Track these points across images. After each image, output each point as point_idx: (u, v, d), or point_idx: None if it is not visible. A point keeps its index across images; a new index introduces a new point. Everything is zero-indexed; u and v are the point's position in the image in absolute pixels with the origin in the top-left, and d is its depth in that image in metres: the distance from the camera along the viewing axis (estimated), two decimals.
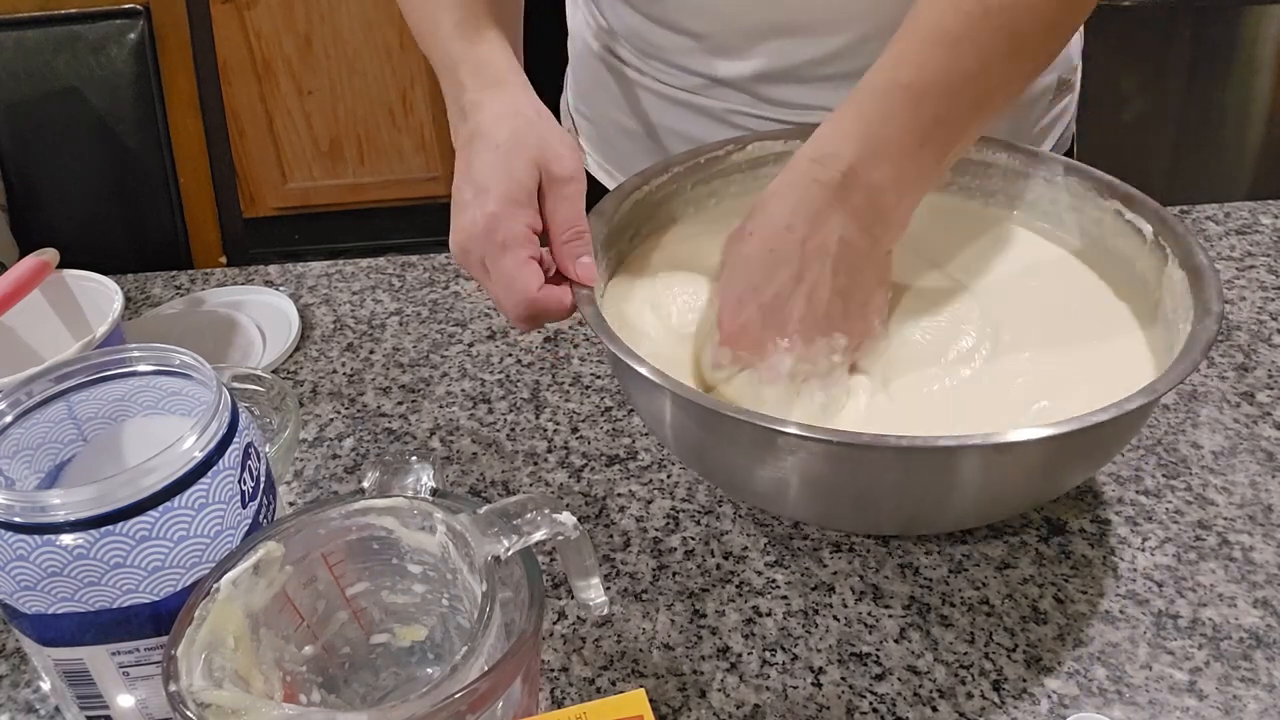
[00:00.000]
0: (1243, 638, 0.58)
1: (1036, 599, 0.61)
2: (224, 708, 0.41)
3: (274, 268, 0.96)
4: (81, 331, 0.77)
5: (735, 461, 0.58)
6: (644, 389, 0.59)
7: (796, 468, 0.55)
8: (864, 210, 0.61)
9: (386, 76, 2.42)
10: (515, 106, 0.64)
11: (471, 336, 0.85)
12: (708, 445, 0.59)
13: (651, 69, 0.88)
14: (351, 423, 0.77)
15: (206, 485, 0.48)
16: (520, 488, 0.70)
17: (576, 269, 0.62)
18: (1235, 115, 1.98)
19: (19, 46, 1.21)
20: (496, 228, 0.61)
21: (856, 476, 0.56)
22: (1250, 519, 0.65)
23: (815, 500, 0.59)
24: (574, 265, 0.62)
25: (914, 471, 0.55)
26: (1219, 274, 0.61)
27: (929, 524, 0.62)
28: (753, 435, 0.55)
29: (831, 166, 0.60)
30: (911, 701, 0.55)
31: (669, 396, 0.56)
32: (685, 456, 0.63)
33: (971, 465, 0.54)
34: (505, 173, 0.61)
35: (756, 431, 0.54)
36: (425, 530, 0.48)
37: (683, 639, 0.59)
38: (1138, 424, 0.61)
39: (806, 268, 0.60)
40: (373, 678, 0.52)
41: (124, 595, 0.47)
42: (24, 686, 0.60)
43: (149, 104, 1.22)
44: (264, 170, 2.54)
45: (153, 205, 1.25)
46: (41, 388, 0.53)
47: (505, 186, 0.61)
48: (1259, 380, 0.75)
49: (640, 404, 0.63)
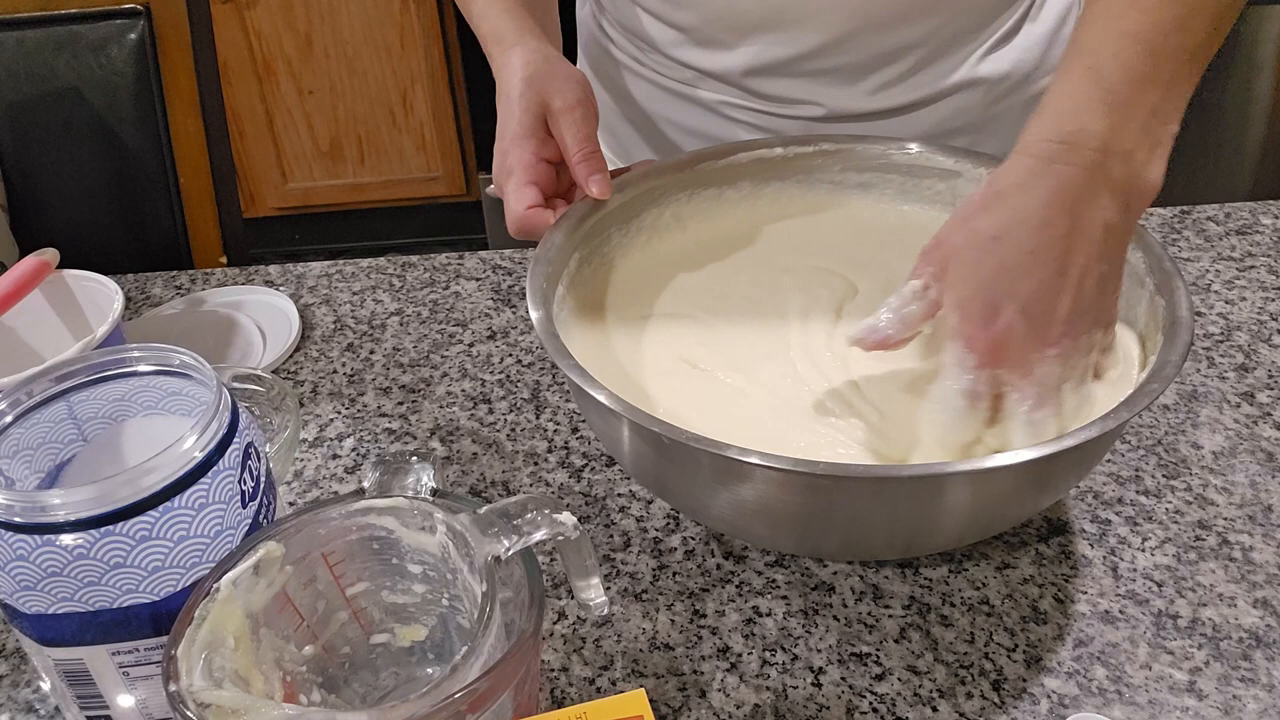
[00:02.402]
0: (1242, 638, 0.58)
1: (1036, 599, 0.60)
2: (224, 708, 0.40)
3: (274, 268, 0.96)
4: (81, 331, 0.77)
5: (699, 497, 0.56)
6: (602, 417, 0.57)
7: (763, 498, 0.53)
8: (1124, 185, 0.55)
9: (386, 76, 2.42)
10: (524, 59, 0.71)
11: (472, 336, 0.85)
12: (669, 478, 0.57)
13: (648, 60, 0.88)
14: (351, 423, 0.77)
15: (206, 485, 0.48)
16: (520, 488, 0.70)
17: (590, 186, 0.69)
18: (1235, 115, 1.98)
19: (19, 46, 1.21)
20: (504, 161, 0.69)
21: (828, 507, 0.54)
22: (1250, 519, 0.65)
23: (787, 532, 0.57)
24: (588, 183, 0.69)
25: (889, 501, 0.53)
26: (1184, 277, 0.60)
27: (912, 550, 0.60)
28: (712, 465, 0.52)
29: (1083, 145, 0.54)
30: (911, 701, 0.55)
31: (626, 424, 0.54)
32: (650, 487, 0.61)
33: (950, 491, 0.53)
34: (511, 116, 0.70)
35: (716, 460, 0.51)
36: (425, 530, 0.48)
37: (683, 639, 0.59)
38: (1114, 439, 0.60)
39: (1071, 262, 0.54)
40: (373, 678, 0.52)
41: (124, 595, 0.47)
42: (24, 686, 0.60)
43: (149, 104, 1.22)
44: (264, 170, 2.54)
45: (153, 205, 1.25)
46: (41, 388, 0.53)
47: (510, 127, 0.70)
48: (1259, 380, 0.75)
49: (598, 430, 0.61)
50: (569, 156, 0.69)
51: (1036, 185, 0.55)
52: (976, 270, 0.55)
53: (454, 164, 2.52)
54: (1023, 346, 0.54)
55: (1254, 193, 2.03)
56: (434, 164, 2.53)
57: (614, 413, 0.54)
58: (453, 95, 2.44)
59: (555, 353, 0.57)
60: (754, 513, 0.55)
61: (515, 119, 0.69)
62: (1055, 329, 0.54)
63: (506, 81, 0.71)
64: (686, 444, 0.51)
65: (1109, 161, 0.54)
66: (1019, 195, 0.55)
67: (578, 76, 0.71)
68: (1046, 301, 0.54)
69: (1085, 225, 0.54)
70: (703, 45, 0.84)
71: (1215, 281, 0.85)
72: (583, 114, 0.69)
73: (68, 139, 1.23)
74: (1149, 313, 0.61)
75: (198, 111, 1.25)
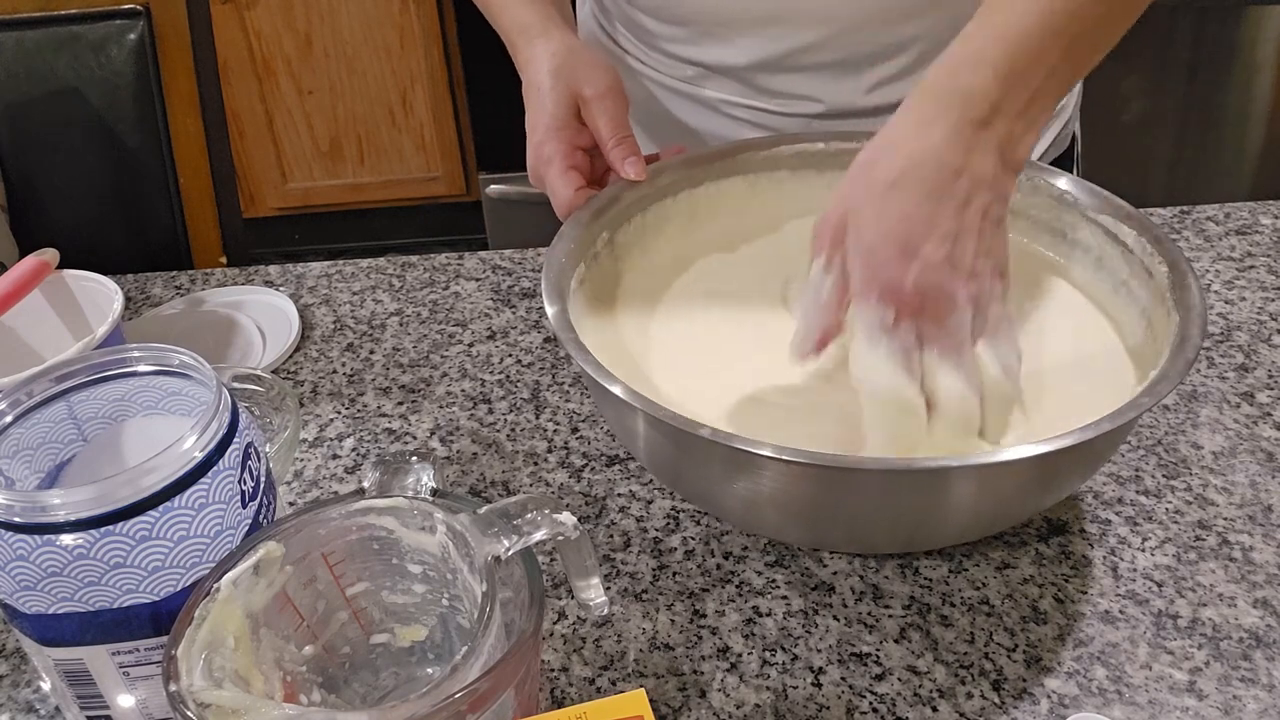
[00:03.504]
0: (1242, 638, 0.58)
1: (1036, 599, 0.60)
2: (224, 708, 0.40)
3: (274, 268, 0.96)
4: (81, 331, 0.77)
5: (711, 487, 0.57)
6: (616, 408, 0.58)
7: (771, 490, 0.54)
8: (1002, 148, 0.56)
9: (386, 76, 2.42)
10: (550, 50, 0.72)
11: (471, 336, 0.85)
12: (683, 468, 0.58)
13: (650, 59, 0.89)
14: (351, 423, 0.77)
15: (206, 485, 0.48)
16: (520, 488, 0.70)
17: (626, 169, 0.70)
18: (1235, 115, 1.98)
19: (19, 46, 1.21)
20: (540, 152, 0.71)
21: (837, 499, 0.55)
22: (1250, 519, 0.65)
23: (797, 522, 0.58)
24: (623, 167, 0.70)
25: (897, 493, 0.53)
26: (1197, 272, 0.60)
27: (915, 544, 0.61)
28: (726, 458, 0.53)
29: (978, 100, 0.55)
30: (911, 701, 0.55)
31: (641, 416, 0.55)
32: (665, 479, 0.62)
33: (957, 485, 0.53)
34: (542, 108, 0.71)
35: (730, 454, 0.52)
36: (425, 530, 0.48)
37: (683, 639, 0.59)
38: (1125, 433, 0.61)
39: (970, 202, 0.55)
40: (373, 678, 0.52)
41: (124, 595, 0.47)
42: (24, 686, 0.60)
43: (149, 104, 1.22)
44: (264, 170, 2.54)
45: (153, 205, 1.25)
46: (41, 388, 0.53)
47: (543, 119, 0.71)
48: (1259, 380, 0.75)
49: (613, 422, 0.62)
50: (603, 142, 0.71)
51: (931, 130, 0.55)
52: (879, 220, 0.54)
53: (454, 164, 2.52)
54: (938, 291, 0.54)
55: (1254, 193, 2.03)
56: (434, 164, 2.53)
57: (630, 406, 0.55)
58: (453, 95, 2.43)
59: (570, 345, 0.59)
60: (768, 504, 0.55)
61: (548, 111, 0.71)
62: (964, 268, 0.54)
63: (535, 73, 0.72)
64: (701, 436, 0.52)
65: (996, 121, 0.55)
66: (913, 141, 0.55)
67: (605, 63, 0.72)
68: (952, 241, 0.54)
69: (977, 168, 0.55)
70: (703, 40, 0.84)
71: (1215, 281, 0.85)
72: (614, 100, 0.71)
73: (68, 139, 1.23)
74: (1157, 305, 0.61)
75: (198, 111, 1.24)
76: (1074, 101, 0.93)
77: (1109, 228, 0.67)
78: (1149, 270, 0.63)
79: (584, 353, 0.58)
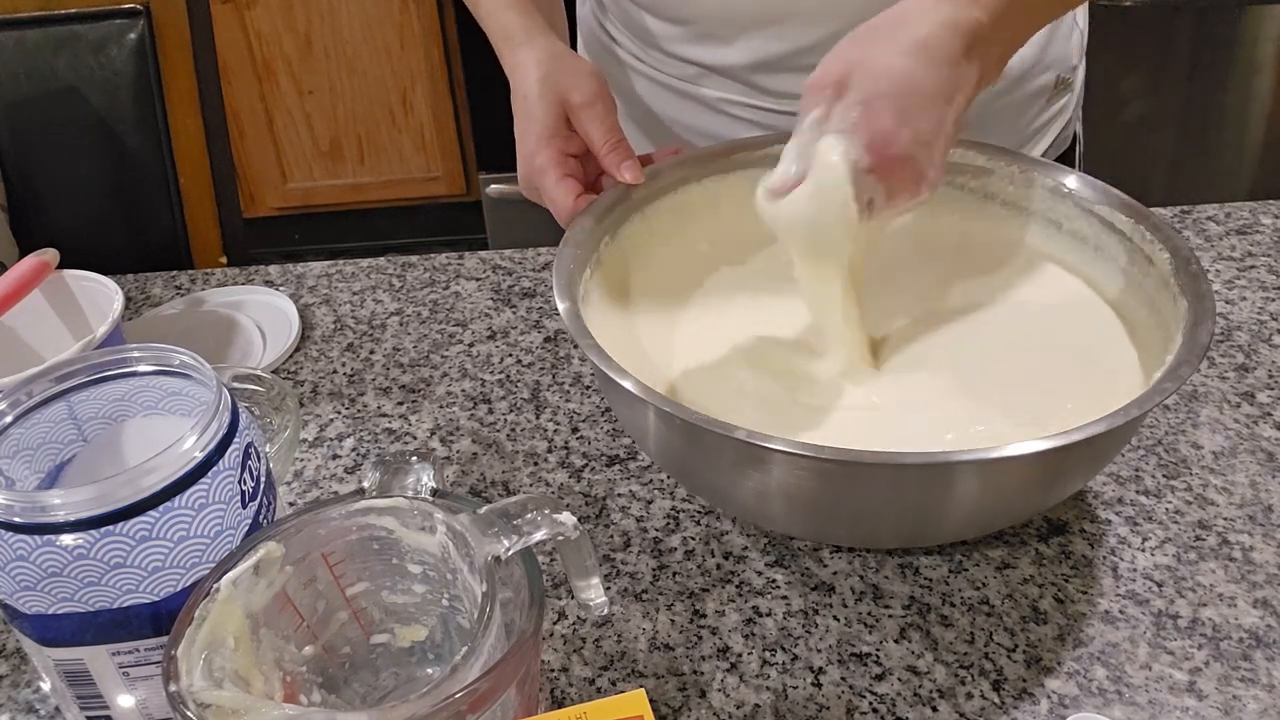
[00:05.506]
0: (1242, 638, 0.58)
1: (1036, 599, 0.60)
2: (224, 708, 0.41)
3: (274, 268, 0.96)
4: (81, 331, 0.77)
5: (719, 478, 0.58)
6: (627, 403, 0.58)
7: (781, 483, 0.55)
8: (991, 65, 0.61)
9: (386, 76, 2.42)
10: (535, 58, 0.72)
11: (471, 336, 0.85)
12: (691, 461, 0.59)
13: (649, 58, 0.88)
14: (351, 423, 0.77)
15: (206, 485, 0.48)
16: (520, 488, 0.70)
17: (623, 173, 0.71)
18: (1235, 115, 1.98)
19: (19, 46, 1.21)
20: (533, 162, 0.71)
21: (845, 492, 0.56)
22: (1250, 519, 0.65)
23: (804, 516, 0.59)
24: (620, 171, 0.71)
25: (904, 487, 0.54)
26: (1206, 272, 0.61)
27: (919, 539, 0.61)
28: (737, 451, 0.54)
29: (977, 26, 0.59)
30: (911, 701, 0.55)
31: (652, 410, 0.56)
32: (673, 472, 0.63)
33: (964, 480, 0.54)
34: (531, 118, 0.71)
35: (740, 447, 0.53)
36: (425, 530, 0.48)
37: (683, 639, 0.59)
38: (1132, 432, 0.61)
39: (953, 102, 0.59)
40: (373, 678, 0.52)
41: (124, 595, 0.47)
42: (24, 686, 0.60)
43: (149, 104, 1.22)
44: (264, 170, 2.54)
45: (153, 205, 1.25)
46: (41, 388, 0.53)
47: (533, 128, 0.71)
48: (1259, 380, 0.75)
49: (624, 418, 0.62)
50: (596, 149, 0.71)
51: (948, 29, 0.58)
52: (891, 74, 0.58)
53: (454, 164, 2.52)
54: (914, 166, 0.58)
55: (1254, 193, 2.03)
56: (434, 164, 2.53)
57: (641, 400, 0.55)
58: (453, 95, 2.43)
59: (581, 339, 0.59)
60: (776, 496, 0.56)
61: (537, 120, 0.71)
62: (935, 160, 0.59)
63: (521, 82, 0.72)
64: (712, 430, 0.53)
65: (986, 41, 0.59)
66: (925, 26, 0.58)
67: (590, 69, 0.72)
68: (937, 127, 0.58)
69: (967, 75, 0.59)
70: (703, 40, 0.84)
71: (1215, 281, 0.85)
72: (603, 106, 0.71)
73: (68, 139, 1.23)
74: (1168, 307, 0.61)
75: (197, 111, 1.25)
76: (1075, 101, 0.93)
77: (1105, 217, 0.68)
78: (1149, 258, 0.64)
79: (596, 349, 0.58)
